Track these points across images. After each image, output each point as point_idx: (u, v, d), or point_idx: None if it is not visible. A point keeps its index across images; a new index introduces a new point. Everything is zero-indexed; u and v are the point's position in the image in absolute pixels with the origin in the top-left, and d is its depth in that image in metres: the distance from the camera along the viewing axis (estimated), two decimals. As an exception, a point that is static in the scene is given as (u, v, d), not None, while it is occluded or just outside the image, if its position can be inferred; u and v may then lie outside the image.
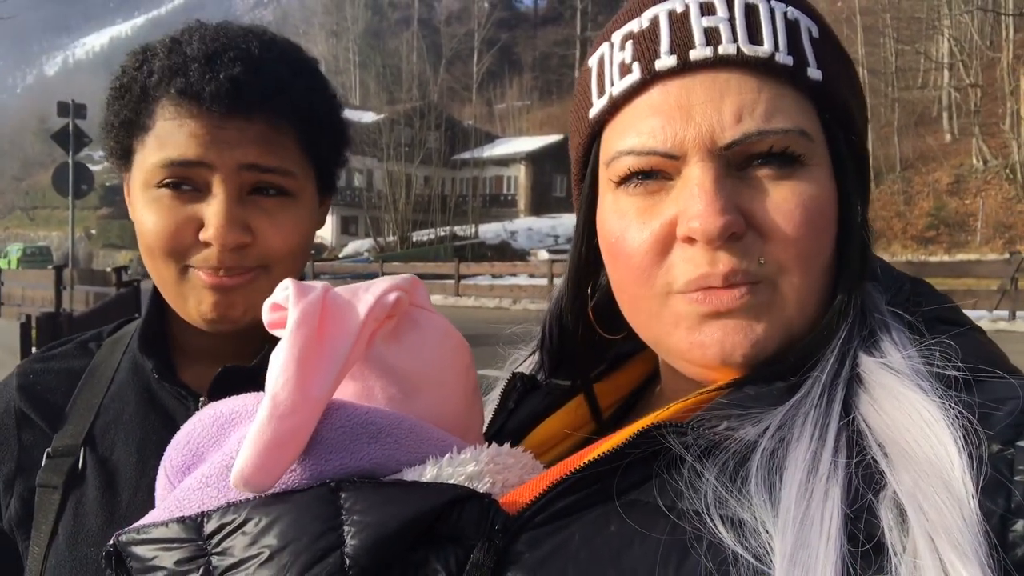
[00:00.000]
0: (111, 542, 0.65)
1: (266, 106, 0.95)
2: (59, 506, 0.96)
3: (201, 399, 0.99)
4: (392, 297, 0.71)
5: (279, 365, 0.63)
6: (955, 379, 0.58)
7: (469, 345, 0.80)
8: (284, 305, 0.68)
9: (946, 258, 24.74)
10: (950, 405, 0.55)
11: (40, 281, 15.35)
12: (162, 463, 0.74)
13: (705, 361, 0.65)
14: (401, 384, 0.72)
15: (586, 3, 75.45)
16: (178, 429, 0.97)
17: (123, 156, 1.01)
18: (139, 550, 0.63)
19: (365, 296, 0.70)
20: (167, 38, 0.99)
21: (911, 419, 0.56)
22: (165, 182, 0.95)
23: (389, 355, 0.72)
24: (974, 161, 32.74)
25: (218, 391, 0.97)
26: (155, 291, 1.04)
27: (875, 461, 0.55)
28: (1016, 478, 0.51)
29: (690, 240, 0.63)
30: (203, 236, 0.94)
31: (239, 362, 0.98)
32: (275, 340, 1.01)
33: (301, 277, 1.07)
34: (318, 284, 0.70)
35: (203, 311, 0.97)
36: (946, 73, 36.00)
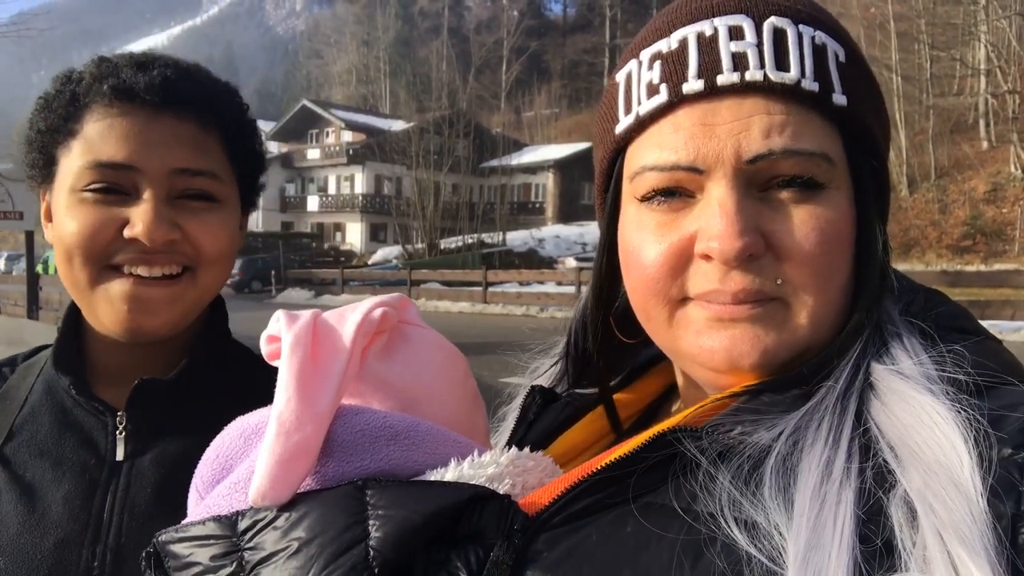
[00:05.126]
0: (151, 543, 0.69)
1: (196, 106, 0.97)
2: None
3: (119, 413, 0.98)
4: (378, 313, 0.75)
5: (280, 386, 0.67)
6: (967, 385, 0.59)
7: (463, 355, 0.84)
8: (279, 336, 0.71)
9: (983, 268, 24.25)
10: (961, 408, 0.56)
11: (77, 286, 15.63)
12: (193, 480, 0.77)
13: (713, 364, 0.66)
14: (398, 397, 0.75)
15: (615, 11, 75.41)
16: (95, 447, 0.97)
17: (46, 166, 0.99)
18: (176, 548, 0.66)
19: (352, 315, 0.74)
20: (92, 60, 1.01)
21: (921, 421, 0.57)
22: (91, 186, 0.93)
23: (383, 371, 0.76)
24: (1012, 169, 32.06)
25: (137, 404, 0.98)
26: (69, 311, 1.05)
27: (886, 463, 0.56)
28: None
29: (707, 257, 0.65)
30: (129, 233, 0.93)
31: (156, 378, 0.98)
32: (195, 354, 1.03)
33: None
34: (307, 312, 0.74)
35: (118, 318, 0.95)
36: (983, 79, 35.36)
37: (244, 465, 0.71)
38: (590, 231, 36.49)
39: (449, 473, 0.67)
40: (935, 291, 0.72)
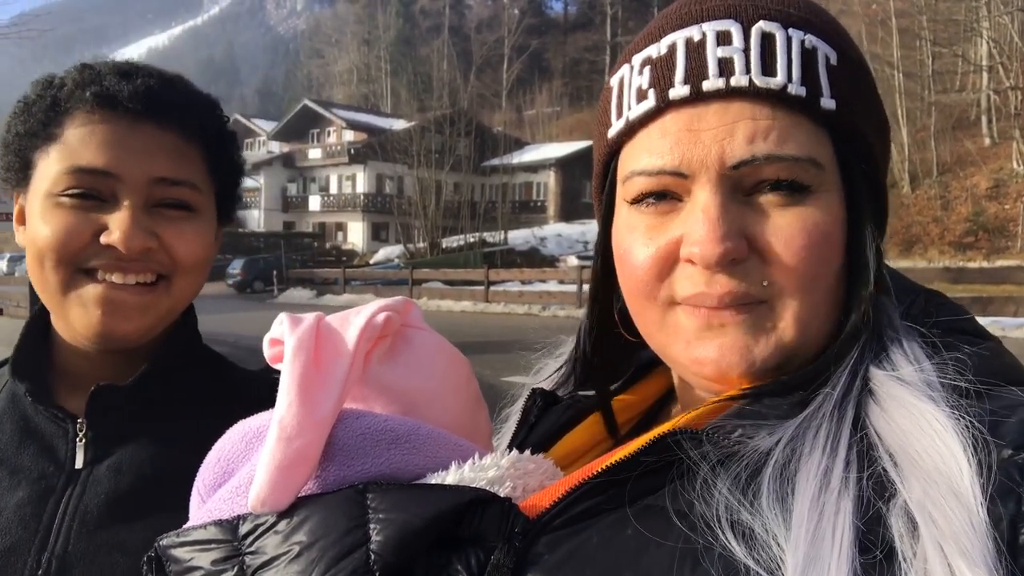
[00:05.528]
0: (152, 547, 0.69)
1: (177, 116, 0.97)
2: None
3: (79, 420, 0.97)
4: (382, 317, 0.74)
5: (282, 391, 0.67)
6: (968, 389, 0.59)
7: (466, 359, 0.84)
8: (282, 339, 0.71)
9: (985, 264, 24.18)
10: (960, 415, 0.56)
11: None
12: (195, 484, 0.77)
13: (703, 375, 0.67)
14: (400, 401, 0.75)
15: (616, 9, 75.36)
16: (55, 455, 0.96)
17: (22, 169, 0.97)
18: (178, 552, 0.67)
19: (356, 319, 0.73)
20: (74, 66, 1.00)
21: (921, 429, 0.56)
22: (69, 191, 0.92)
23: (385, 375, 0.76)
24: (1014, 165, 31.99)
25: (97, 411, 0.97)
26: (34, 318, 1.04)
27: (885, 471, 0.56)
28: None
29: (691, 261, 0.65)
30: (106, 239, 0.92)
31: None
32: (157, 361, 1.02)
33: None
34: (310, 315, 0.74)
35: (91, 321, 0.94)
36: (985, 75, 35.26)
37: (245, 469, 0.71)
38: (592, 229, 36.24)
39: (450, 476, 0.67)
40: (935, 292, 0.72)
